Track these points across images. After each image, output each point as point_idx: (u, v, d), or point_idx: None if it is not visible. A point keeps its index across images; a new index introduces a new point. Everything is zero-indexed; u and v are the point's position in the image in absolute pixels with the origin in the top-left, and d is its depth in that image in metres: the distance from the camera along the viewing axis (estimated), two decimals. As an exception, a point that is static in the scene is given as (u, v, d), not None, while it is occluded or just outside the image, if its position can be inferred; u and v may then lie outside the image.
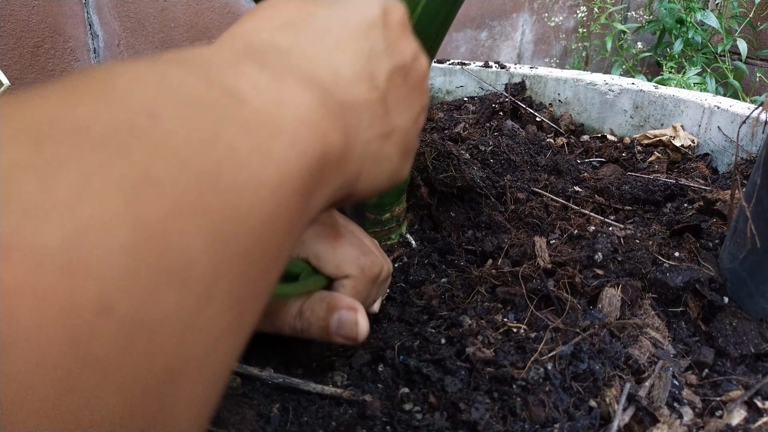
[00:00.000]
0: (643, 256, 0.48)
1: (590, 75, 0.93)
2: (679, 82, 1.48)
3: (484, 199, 0.63)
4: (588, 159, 0.79)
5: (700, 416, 0.38)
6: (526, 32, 1.87)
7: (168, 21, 1.25)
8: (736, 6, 1.70)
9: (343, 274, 0.37)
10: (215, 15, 1.31)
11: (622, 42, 1.84)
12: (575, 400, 0.38)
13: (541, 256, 0.50)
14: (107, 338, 0.13)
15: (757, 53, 1.83)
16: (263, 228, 0.18)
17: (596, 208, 0.63)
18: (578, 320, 0.43)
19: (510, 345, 0.41)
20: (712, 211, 0.57)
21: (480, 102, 0.92)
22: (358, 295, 0.37)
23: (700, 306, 0.46)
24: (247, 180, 0.18)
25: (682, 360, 0.42)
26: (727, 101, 0.78)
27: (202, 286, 0.16)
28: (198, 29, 1.30)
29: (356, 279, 0.37)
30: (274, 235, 0.19)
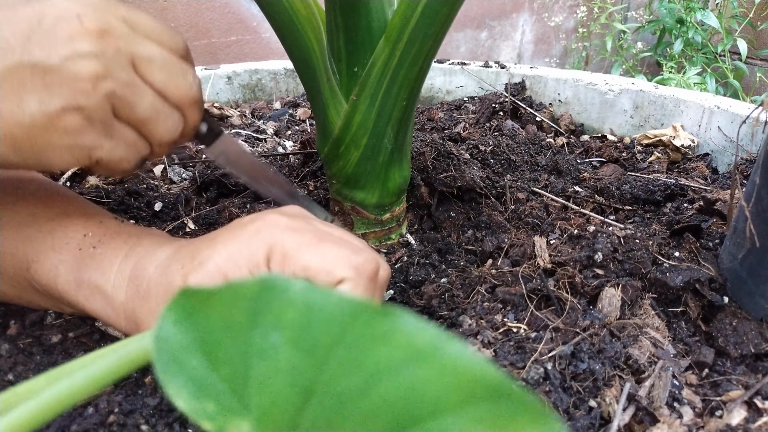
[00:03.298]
0: (643, 256, 0.48)
1: (590, 75, 0.93)
2: (679, 82, 1.48)
3: (484, 199, 0.63)
4: (588, 159, 0.79)
5: (700, 416, 0.38)
6: (526, 32, 1.87)
7: (168, 21, 1.25)
8: (736, 6, 1.70)
9: (337, 278, 0.34)
10: (215, 15, 1.31)
11: (622, 42, 1.84)
12: (575, 400, 0.38)
13: (541, 256, 0.50)
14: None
15: (757, 53, 1.83)
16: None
17: (596, 208, 0.63)
18: (578, 320, 0.43)
19: (510, 345, 0.41)
20: (712, 211, 0.57)
21: (480, 102, 0.92)
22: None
23: (700, 306, 0.46)
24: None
25: (682, 360, 0.42)
26: (727, 101, 0.78)
27: None
28: (198, 29, 1.30)
29: (353, 281, 0.35)
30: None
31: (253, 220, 0.38)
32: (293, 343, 0.14)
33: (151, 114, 0.38)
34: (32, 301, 0.43)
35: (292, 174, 0.70)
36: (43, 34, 0.33)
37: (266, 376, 0.14)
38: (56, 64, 0.33)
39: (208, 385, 0.15)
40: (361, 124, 0.48)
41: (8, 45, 0.33)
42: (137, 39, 0.37)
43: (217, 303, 0.15)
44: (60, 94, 0.34)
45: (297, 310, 0.14)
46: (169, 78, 0.38)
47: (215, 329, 0.15)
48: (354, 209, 0.55)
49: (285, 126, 0.92)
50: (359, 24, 0.46)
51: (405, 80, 0.46)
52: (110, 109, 0.36)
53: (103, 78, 0.35)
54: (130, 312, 0.38)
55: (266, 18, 0.47)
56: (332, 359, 0.14)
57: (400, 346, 0.13)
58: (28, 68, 0.33)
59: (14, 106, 0.33)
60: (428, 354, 0.13)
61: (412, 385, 0.13)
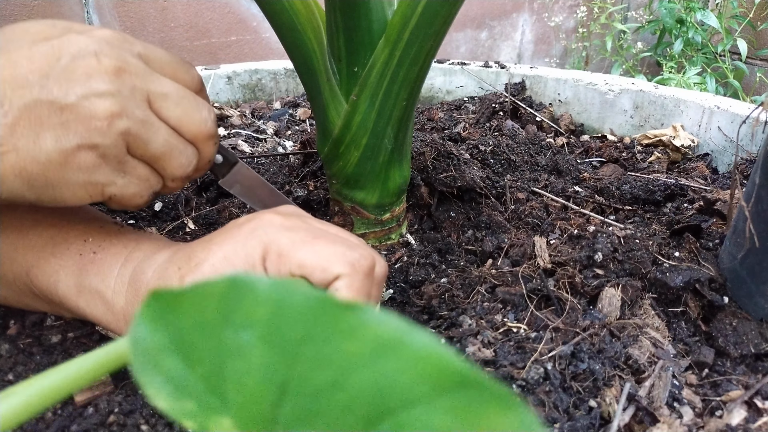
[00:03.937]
0: (643, 256, 0.48)
1: (590, 75, 0.93)
2: (679, 82, 1.48)
3: (484, 199, 0.63)
4: (588, 159, 0.79)
5: (700, 416, 0.38)
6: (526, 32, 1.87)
7: (168, 21, 1.25)
8: (736, 6, 1.70)
9: (333, 275, 0.34)
10: (215, 15, 1.31)
11: (622, 42, 1.84)
12: (575, 400, 0.38)
13: (541, 256, 0.50)
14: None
15: (757, 53, 1.83)
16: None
17: (596, 208, 0.63)
18: (578, 320, 0.43)
19: (510, 345, 0.41)
20: (712, 211, 0.57)
21: (480, 102, 0.92)
22: (357, 295, 0.34)
23: (700, 306, 0.46)
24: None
25: (682, 360, 0.42)
26: (727, 101, 0.78)
27: None
28: (198, 29, 1.30)
29: (349, 277, 0.34)
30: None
31: (249, 220, 0.38)
32: (264, 340, 0.14)
33: (164, 150, 0.38)
34: (32, 305, 0.43)
35: (292, 174, 0.70)
36: (60, 72, 0.34)
37: (241, 374, 0.14)
38: (73, 102, 0.34)
39: (186, 385, 0.15)
40: (361, 124, 0.48)
41: (27, 82, 0.33)
42: (153, 76, 0.37)
43: (189, 303, 0.15)
44: (76, 132, 0.34)
45: (266, 307, 0.14)
46: (184, 114, 0.38)
47: (188, 329, 0.15)
48: (354, 209, 0.55)
49: (285, 126, 0.92)
50: (359, 24, 0.46)
51: (405, 80, 0.46)
52: (125, 147, 0.37)
53: (118, 116, 0.35)
54: (130, 317, 0.38)
55: (266, 18, 0.47)
56: (303, 355, 0.14)
57: (368, 340, 0.13)
58: (46, 105, 0.33)
59: (31, 143, 0.34)
60: (395, 346, 0.13)
61: (381, 377, 0.13)
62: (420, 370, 0.13)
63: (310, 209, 0.63)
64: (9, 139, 0.33)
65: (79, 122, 0.34)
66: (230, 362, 0.14)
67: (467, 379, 0.12)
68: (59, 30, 0.35)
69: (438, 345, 0.13)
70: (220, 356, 0.15)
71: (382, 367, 0.13)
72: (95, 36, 0.36)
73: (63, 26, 0.36)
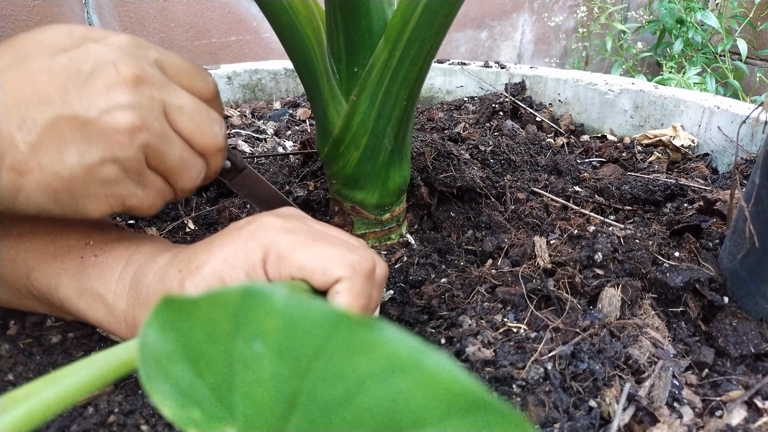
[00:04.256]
0: (643, 256, 0.48)
1: (590, 75, 0.93)
2: (679, 82, 1.48)
3: (484, 199, 0.63)
4: (588, 159, 0.79)
5: (700, 416, 0.38)
6: (526, 32, 1.87)
7: (168, 21, 1.25)
8: (736, 6, 1.70)
9: (333, 277, 0.34)
10: (215, 15, 1.31)
11: (622, 42, 1.84)
12: (575, 400, 0.38)
13: (541, 256, 0.50)
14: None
15: (757, 53, 1.83)
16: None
17: (596, 208, 0.63)
18: (578, 320, 0.43)
19: (510, 345, 0.41)
20: (712, 211, 0.57)
21: (480, 102, 0.92)
22: (357, 298, 0.34)
23: (700, 306, 0.46)
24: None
25: (682, 360, 0.42)
26: (727, 101, 0.78)
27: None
28: (198, 29, 1.30)
29: (350, 279, 0.34)
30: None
31: (249, 223, 0.38)
32: (276, 352, 0.14)
33: (179, 164, 0.39)
34: (32, 307, 0.43)
35: (292, 174, 0.70)
36: (80, 86, 0.34)
37: (250, 385, 0.14)
38: (95, 116, 0.34)
39: (193, 393, 0.15)
40: (361, 124, 0.48)
41: (48, 98, 0.33)
42: (169, 87, 0.38)
43: (200, 311, 0.15)
44: (99, 147, 0.35)
45: (279, 319, 0.14)
46: (197, 128, 0.39)
47: (199, 337, 0.15)
48: (354, 209, 0.55)
49: (285, 126, 0.92)
50: (359, 24, 0.46)
51: (405, 80, 0.46)
52: (144, 160, 0.37)
53: (139, 130, 0.35)
54: (131, 320, 0.38)
55: (266, 18, 0.47)
56: (315, 369, 0.14)
57: (382, 358, 0.13)
58: (68, 121, 0.33)
59: (55, 159, 0.34)
60: (410, 365, 0.13)
61: (393, 396, 0.13)
62: (433, 390, 0.13)
63: (310, 209, 0.63)
64: (33, 157, 0.33)
65: (101, 137, 0.34)
66: (240, 372, 0.14)
67: (481, 402, 0.12)
68: (76, 39, 0.35)
69: (452, 366, 0.13)
70: (230, 366, 0.15)
71: (394, 385, 0.13)
72: (112, 44, 0.36)
73: (79, 35, 0.36)
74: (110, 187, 0.36)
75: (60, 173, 0.34)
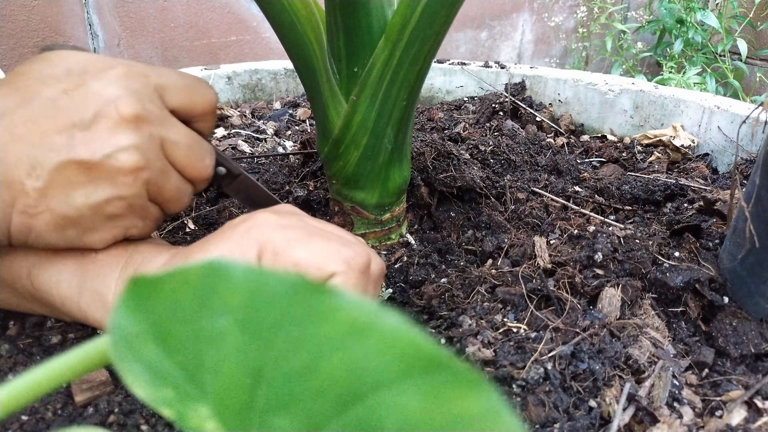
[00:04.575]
0: (643, 256, 0.48)
1: (590, 75, 0.93)
2: (679, 82, 1.48)
3: (484, 199, 0.63)
4: (588, 159, 0.79)
5: (700, 416, 0.38)
6: (526, 32, 1.87)
7: (168, 21, 1.25)
8: (736, 6, 1.70)
9: (328, 273, 0.35)
10: (215, 15, 1.31)
11: (622, 42, 1.84)
12: (575, 400, 0.38)
13: (541, 256, 0.50)
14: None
15: (757, 53, 1.83)
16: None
17: (596, 208, 0.63)
18: (578, 320, 0.43)
19: (510, 345, 0.41)
20: (712, 211, 0.57)
21: (480, 102, 0.92)
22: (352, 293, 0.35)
23: (700, 306, 0.46)
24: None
25: (682, 360, 0.42)
26: (727, 101, 0.78)
27: None
28: (198, 29, 1.30)
29: (345, 274, 0.35)
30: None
31: (244, 221, 0.38)
32: (240, 326, 0.14)
33: (174, 195, 0.41)
34: (31, 309, 0.43)
35: (292, 174, 0.70)
36: (85, 130, 0.35)
37: (218, 361, 0.14)
38: (100, 160, 0.36)
39: (164, 372, 0.15)
40: (361, 124, 0.48)
41: (54, 144, 0.35)
42: (168, 122, 0.40)
43: (166, 290, 0.15)
44: (104, 187, 0.36)
45: (242, 292, 0.14)
46: (190, 161, 0.41)
47: (166, 316, 0.15)
48: (354, 209, 0.55)
49: (285, 126, 0.92)
50: (359, 24, 0.46)
51: (405, 80, 0.46)
52: (146, 195, 0.39)
53: (141, 169, 0.37)
54: None
55: (266, 18, 0.47)
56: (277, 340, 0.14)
57: (341, 323, 0.13)
58: (74, 166, 0.35)
59: (62, 202, 0.36)
60: (367, 329, 0.13)
61: (353, 361, 0.13)
62: (390, 352, 0.13)
63: (310, 209, 0.63)
64: (43, 201, 0.35)
65: (106, 179, 0.36)
66: (207, 349, 0.14)
67: (436, 361, 0.12)
68: (75, 77, 0.37)
69: (409, 328, 0.13)
70: (198, 343, 0.15)
71: (353, 350, 0.13)
72: (111, 79, 0.37)
73: (78, 69, 0.37)
74: (115, 221, 0.38)
75: (68, 213, 0.36)
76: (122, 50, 1.21)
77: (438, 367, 0.12)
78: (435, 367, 0.12)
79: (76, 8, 1.12)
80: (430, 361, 0.12)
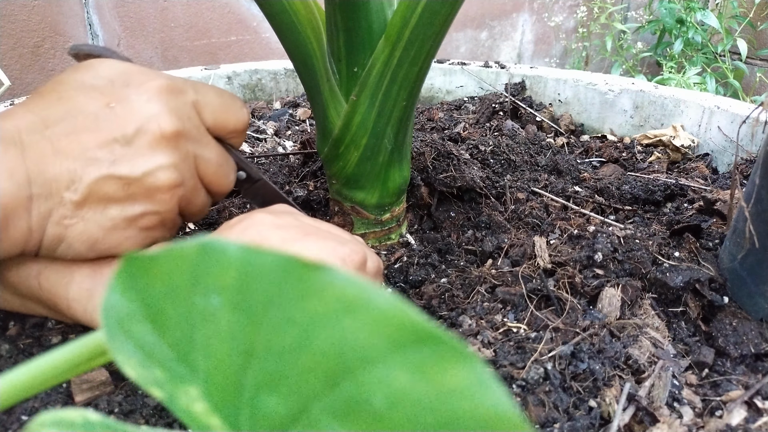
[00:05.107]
0: (643, 256, 0.48)
1: (590, 75, 0.93)
2: (679, 82, 1.48)
3: (484, 199, 0.63)
4: (588, 159, 0.79)
5: (700, 416, 0.38)
6: (526, 32, 1.87)
7: (168, 21, 1.25)
8: (736, 6, 1.70)
9: None
10: (215, 15, 1.31)
11: (622, 42, 1.84)
12: (575, 400, 0.38)
13: (541, 256, 0.50)
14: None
15: (757, 53, 1.83)
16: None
17: (596, 208, 0.63)
18: (578, 320, 0.43)
19: (510, 345, 0.41)
20: (712, 211, 0.57)
21: (480, 102, 0.92)
22: None
23: (700, 306, 0.46)
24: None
25: (682, 360, 0.42)
26: (727, 101, 0.78)
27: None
28: (198, 29, 1.30)
29: None
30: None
31: (241, 221, 0.39)
32: (232, 304, 0.14)
33: (200, 208, 0.43)
34: (34, 311, 0.43)
35: (292, 174, 0.70)
36: (125, 145, 0.36)
37: (209, 340, 0.14)
38: (139, 176, 0.36)
39: (155, 352, 0.15)
40: (360, 124, 0.48)
41: (95, 159, 0.35)
42: (204, 139, 0.41)
43: (159, 269, 0.15)
44: (141, 202, 0.37)
45: (234, 271, 0.14)
46: (218, 178, 0.43)
47: (158, 295, 0.15)
48: (354, 209, 0.55)
49: (285, 126, 0.92)
50: (359, 24, 0.46)
51: (405, 80, 0.46)
52: (178, 209, 0.40)
53: (178, 187, 0.38)
54: None
55: (266, 18, 0.47)
56: (268, 317, 0.14)
57: (331, 299, 0.13)
58: (114, 181, 0.36)
59: (98, 215, 0.36)
60: (357, 305, 0.13)
61: (342, 337, 0.13)
62: (379, 328, 0.13)
63: (310, 209, 0.63)
64: (78, 213, 0.36)
65: (144, 195, 0.37)
66: (199, 329, 0.14)
67: (424, 334, 0.12)
68: (118, 91, 0.37)
69: (399, 303, 0.13)
70: (190, 323, 0.14)
71: (343, 326, 0.13)
72: (152, 94, 0.38)
73: (121, 81, 0.38)
74: (146, 233, 0.39)
75: (102, 225, 0.36)
76: (122, 50, 1.21)
77: (426, 340, 0.12)
78: (423, 341, 0.12)
79: (76, 8, 1.12)
80: (417, 334, 0.12)
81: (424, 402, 0.12)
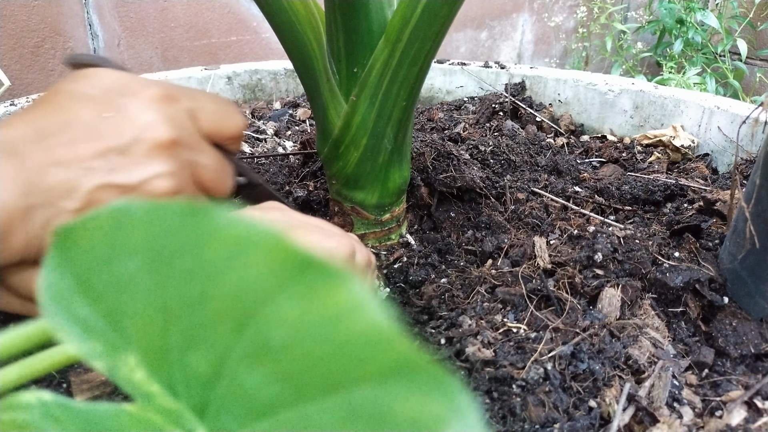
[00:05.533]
0: (643, 256, 0.48)
1: (590, 75, 0.93)
2: (679, 82, 1.48)
3: (484, 199, 0.63)
4: (588, 159, 0.79)
5: (700, 416, 0.38)
6: (526, 32, 1.87)
7: (168, 21, 1.25)
8: (736, 6, 1.70)
9: None
10: (215, 15, 1.31)
11: (622, 42, 1.84)
12: (575, 400, 0.38)
13: (541, 256, 0.50)
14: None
15: (757, 53, 1.83)
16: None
17: (596, 208, 0.63)
18: (578, 320, 0.43)
19: (510, 345, 0.41)
20: (712, 211, 0.57)
21: (480, 102, 0.92)
22: None
23: (700, 306, 0.46)
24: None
25: (682, 360, 0.42)
26: (727, 101, 0.78)
27: None
28: (198, 29, 1.30)
29: None
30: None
31: None
32: (147, 264, 0.14)
33: None
34: (36, 313, 0.43)
35: (292, 174, 0.70)
36: (121, 154, 0.36)
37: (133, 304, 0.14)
38: (136, 184, 0.36)
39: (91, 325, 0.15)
40: (360, 124, 0.48)
41: (92, 167, 0.35)
42: (200, 146, 0.41)
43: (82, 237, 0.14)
44: None
45: (143, 231, 0.14)
46: (215, 185, 0.43)
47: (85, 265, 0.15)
48: (354, 209, 0.55)
49: (285, 126, 0.92)
50: (359, 25, 0.46)
51: (405, 81, 0.46)
52: None
53: (175, 194, 0.38)
54: None
55: (266, 18, 0.47)
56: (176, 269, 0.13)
57: (224, 243, 0.13)
58: (111, 189, 0.36)
59: None
60: (244, 245, 0.13)
61: (240, 279, 0.13)
62: (268, 264, 0.13)
63: (310, 209, 0.63)
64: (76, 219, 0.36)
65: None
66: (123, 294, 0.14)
67: (305, 262, 0.12)
68: (113, 100, 0.37)
69: (282, 236, 0.13)
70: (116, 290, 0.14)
71: (238, 268, 0.13)
72: (147, 101, 0.38)
73: (117, 90, 0.38)
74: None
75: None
76: (122, 50, 1.21)
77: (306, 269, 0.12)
78: (306, 269, 0.12)
79: (76, 8, 1.12)
80: (300, 263, 0.12)
81: (315, 333, 0.12)
